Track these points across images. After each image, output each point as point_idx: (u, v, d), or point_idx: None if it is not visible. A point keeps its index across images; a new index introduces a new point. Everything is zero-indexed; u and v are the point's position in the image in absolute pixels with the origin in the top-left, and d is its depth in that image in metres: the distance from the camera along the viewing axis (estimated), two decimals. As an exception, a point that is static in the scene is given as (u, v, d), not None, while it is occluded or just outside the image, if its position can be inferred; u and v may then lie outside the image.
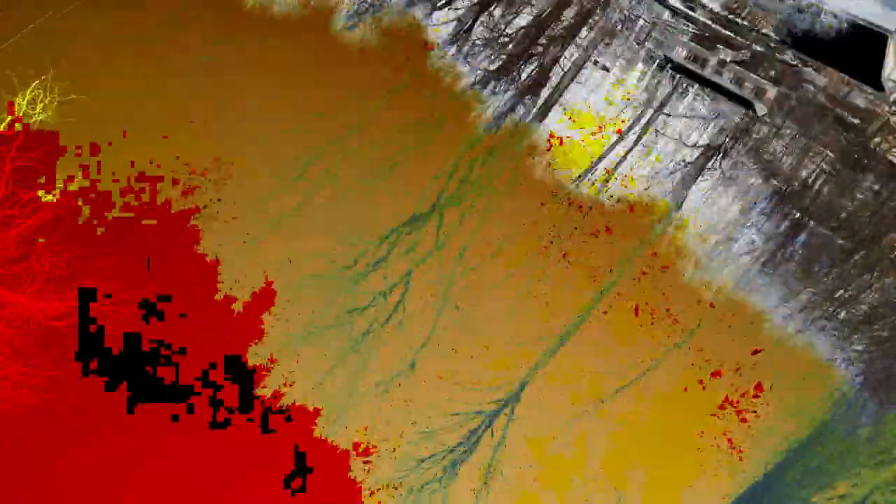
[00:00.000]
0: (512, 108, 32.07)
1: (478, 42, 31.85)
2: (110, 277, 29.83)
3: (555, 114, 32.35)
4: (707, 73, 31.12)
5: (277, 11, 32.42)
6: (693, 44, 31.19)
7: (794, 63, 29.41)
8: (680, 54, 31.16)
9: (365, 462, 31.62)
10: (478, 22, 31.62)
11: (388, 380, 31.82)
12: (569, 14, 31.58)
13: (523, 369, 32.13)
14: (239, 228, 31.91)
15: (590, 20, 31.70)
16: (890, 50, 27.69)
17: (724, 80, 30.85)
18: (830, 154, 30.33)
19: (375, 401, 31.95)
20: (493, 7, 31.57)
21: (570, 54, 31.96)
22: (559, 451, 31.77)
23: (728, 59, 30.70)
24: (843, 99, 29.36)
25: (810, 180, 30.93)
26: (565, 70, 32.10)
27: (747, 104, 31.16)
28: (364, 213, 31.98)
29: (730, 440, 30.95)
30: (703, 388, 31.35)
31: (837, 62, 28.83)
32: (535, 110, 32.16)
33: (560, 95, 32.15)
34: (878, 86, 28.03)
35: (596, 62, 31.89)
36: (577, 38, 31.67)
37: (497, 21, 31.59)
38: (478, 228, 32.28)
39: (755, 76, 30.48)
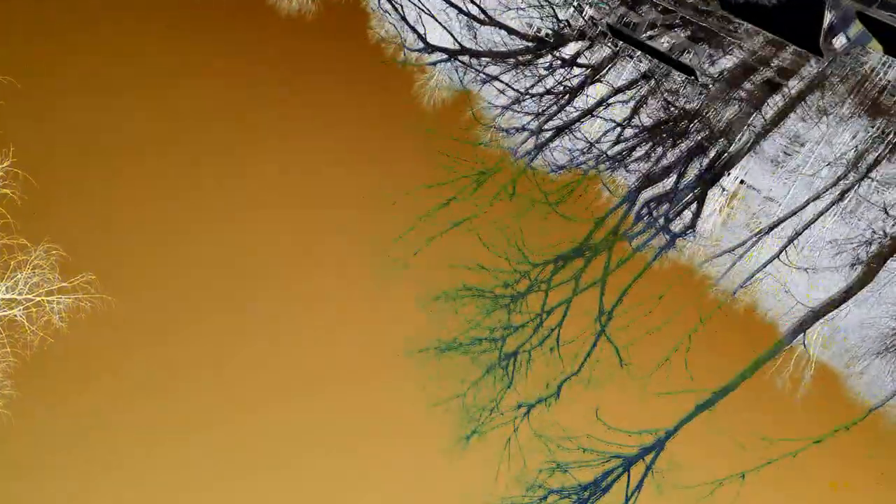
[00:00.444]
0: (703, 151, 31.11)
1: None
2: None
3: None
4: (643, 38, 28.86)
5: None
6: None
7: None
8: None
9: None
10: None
11: (531, 402, 31.47)
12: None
13: (671, 421, 30.86)
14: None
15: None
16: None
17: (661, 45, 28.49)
18: None
19: (511, 424, 31.68)
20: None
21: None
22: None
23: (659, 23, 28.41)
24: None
25: None
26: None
27: (688, 70, 28.71)
28: (533, 235, 31.98)
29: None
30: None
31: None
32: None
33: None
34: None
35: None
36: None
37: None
38: (647, 268, 31.48)
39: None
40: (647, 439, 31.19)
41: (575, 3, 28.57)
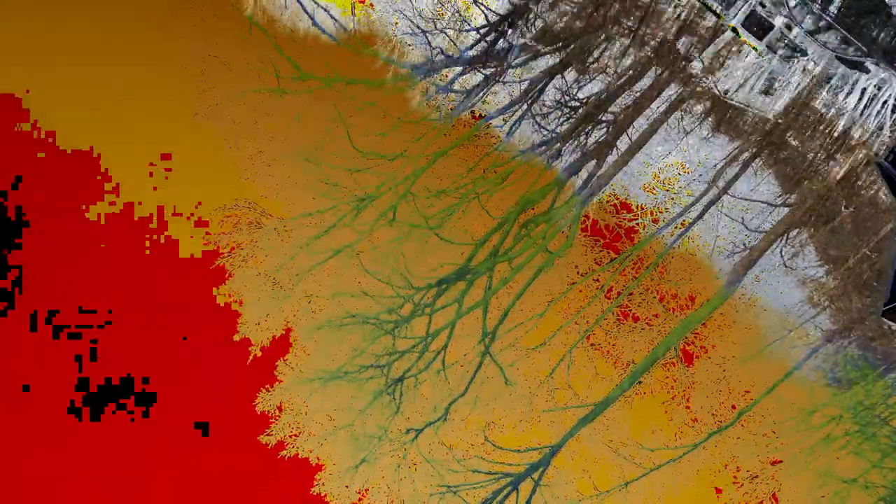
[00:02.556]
0: (575, 171, 32.05)
1: (547, 104, 32.09)
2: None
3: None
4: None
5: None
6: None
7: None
8: None
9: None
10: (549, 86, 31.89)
11: (419, 427, 31.47)
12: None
13: (557, 436, 31.55)
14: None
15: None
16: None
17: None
18: None
19: (400, 449, 31.59)
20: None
21: (640, 125, 31.96)
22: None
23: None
24: None
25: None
26: (633, 139, 32.08)
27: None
28: (415, 259, 32.02)
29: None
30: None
31: None
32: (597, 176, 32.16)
33: (624, 164, 32.08)
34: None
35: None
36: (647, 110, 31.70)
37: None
38: (527, 287, 32.09)
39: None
40: (534, 456, 31.80)
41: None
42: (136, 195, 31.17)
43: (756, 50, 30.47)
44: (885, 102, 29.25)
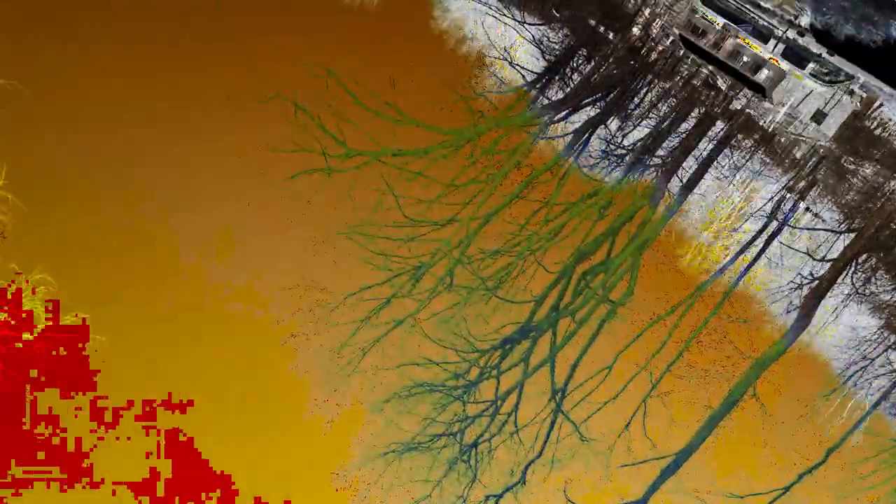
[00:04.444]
0: (629, 218, 31.83)
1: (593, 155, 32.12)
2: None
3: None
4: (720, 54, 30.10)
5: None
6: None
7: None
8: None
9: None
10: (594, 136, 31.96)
11: (498, 493, 30.94)
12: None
13: (640, 490, 30.68)
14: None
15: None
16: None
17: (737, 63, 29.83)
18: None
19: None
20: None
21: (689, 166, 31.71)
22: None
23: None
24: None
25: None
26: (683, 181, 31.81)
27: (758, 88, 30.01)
28: (476, 322, 31.88)
29: None
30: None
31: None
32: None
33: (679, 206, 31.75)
34: None
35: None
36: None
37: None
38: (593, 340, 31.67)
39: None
40: (618, 512, 30.94)
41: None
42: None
43: (799, 78, 30.19)
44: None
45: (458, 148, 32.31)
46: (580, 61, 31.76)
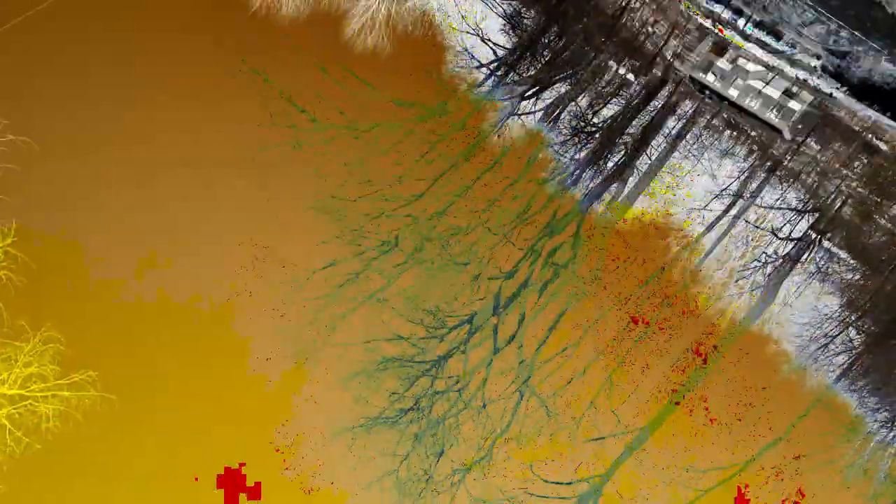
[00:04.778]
0: (597, 196, 31.96)
1: (563, 132, 32.14)
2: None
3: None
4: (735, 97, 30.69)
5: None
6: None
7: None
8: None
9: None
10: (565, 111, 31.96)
11: (465, 468, 31.11)
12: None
13: (608, 461, 31.09)
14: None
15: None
16: None
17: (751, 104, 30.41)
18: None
19: (454, 487, 31.21)
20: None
21: (658, 144, 31.87)
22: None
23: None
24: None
25: None
26: (652, 160, 31.98)
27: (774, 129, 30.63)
28: (445, 298, 31.86)
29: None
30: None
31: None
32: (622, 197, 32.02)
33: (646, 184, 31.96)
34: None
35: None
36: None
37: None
38: (560, 317, 31.89)
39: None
40: (583, 487, 31.27)
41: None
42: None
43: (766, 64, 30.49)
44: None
45: (426, 120, 32.16)
46: (552, 38, 31.75)
